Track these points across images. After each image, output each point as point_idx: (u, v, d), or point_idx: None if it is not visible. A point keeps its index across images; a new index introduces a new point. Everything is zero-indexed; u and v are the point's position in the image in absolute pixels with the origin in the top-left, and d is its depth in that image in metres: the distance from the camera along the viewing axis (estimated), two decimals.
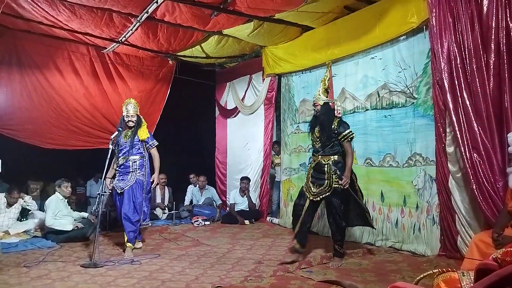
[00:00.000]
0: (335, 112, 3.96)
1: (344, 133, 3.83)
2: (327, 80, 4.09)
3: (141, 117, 4.58)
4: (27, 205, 5.52)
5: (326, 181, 3.79)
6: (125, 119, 4.45)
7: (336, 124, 3.86)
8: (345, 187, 3.74)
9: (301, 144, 6.01)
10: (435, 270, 2.19)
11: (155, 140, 4.61)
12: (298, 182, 6.05)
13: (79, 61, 6.20)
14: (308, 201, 3.87)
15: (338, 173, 3.74)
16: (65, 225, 5.04)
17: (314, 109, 4.01)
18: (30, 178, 7.09)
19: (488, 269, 1.55)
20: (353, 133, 3.87)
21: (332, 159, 3.82)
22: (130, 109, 4.44)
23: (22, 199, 5.51)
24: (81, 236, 4.97)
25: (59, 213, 5.10)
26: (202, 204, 6.92)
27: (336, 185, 3.74)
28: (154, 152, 4.58)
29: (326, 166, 3.81)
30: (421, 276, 2.09)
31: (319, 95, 4.00)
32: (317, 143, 3.94)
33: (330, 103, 4.02)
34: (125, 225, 4.29)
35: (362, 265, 3.77)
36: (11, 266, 3.82)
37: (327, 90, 4.07)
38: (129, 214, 4.27)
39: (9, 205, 5.44)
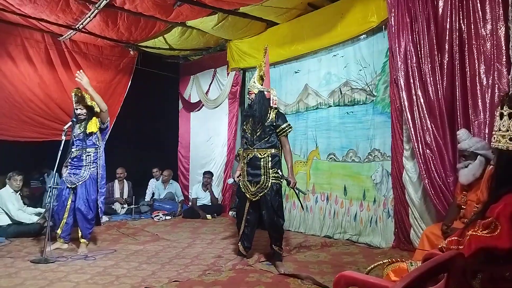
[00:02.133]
0: (271, 101, 3.65)
1: (282, 126, 3.58)
2: (263, 66, 3.80)
3: (94, 105, 4.22)
4: None
5: (262, 177, 3.51)
6: (75, 111, 4.20)
7: (274, 115, 3.58)
8: (293, 187, 3.58)
9: None
10: (385, 261, 2.27)
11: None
12: None
13: (33, 48, 5.87)
14: (247, 202, 3.62)
15: (277, 170, 3.52)
16: (31, 217, 4.83)
17: (249, 98, 3.69)
18: None
19: None
20: (291, 127, 3.65)
21: (268, 153, 3.54)
22: (79, 101, 4.17)
23: None
24: (33, 231, 4.75)
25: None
26: (164, 199, 6.80)
27: (273, 181, 3.50)
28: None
29: (262, 160, 3.52)
30: (372, 266, 2.15)
31: (254, 82, 3.68)
32: (252, 135, 3.60)
33: (266, 92, 3.69)
34: (79, 221, 4.12)
35: (319, 257, 3.84)
36: None
37: (262, 78, 3.74)
38: (84, 211, 4.09)
39: None
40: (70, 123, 4.15)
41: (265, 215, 3.51)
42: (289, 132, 3.62)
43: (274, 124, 3.55)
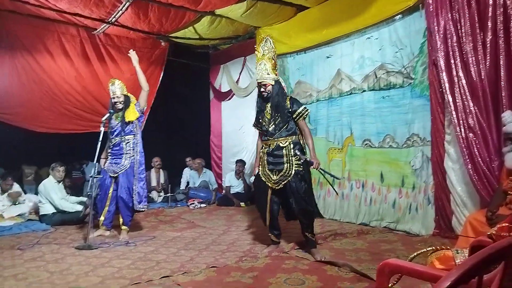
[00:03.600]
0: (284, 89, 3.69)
1: (299, 111, 3.51)
2: (271, 54, 3.60)
3: (130, 95, 4.42)
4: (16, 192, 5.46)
5: (286, 165, 3.45)
6: (112, 101, 4.32)
7: (288, 102, 3.53)
8: (317, 168, 3.46)
9: None
10: (429, 248, 2.19)
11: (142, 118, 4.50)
12: None
13: (69, 43, 6.06)
14: (270, 191, 3.55)
15: (298, 153, 3.45)
16: (74, 206, 5.07)
17: (265, 90, 3.52)
18: (24, 163, 7.03)
19: (482, 246, 1.54)
20: (308, 110, 3.58)
21: (290, 140, 3.49)
22: (116, 90, 4.28)
23: (22, 195, 5.48)
24: (77, 219, 4.97)
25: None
26: (198, 187, 6.91)
27: (297, 168, 3.42)
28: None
29: (284, 149, 3.47)
30: (415, 254, 2.08)
31: (268, 74, 3.52)
32: (270, 125, 3.53)
33: (280, 81, 3.65)
34: (121, 209, 4.26)
35: (356, 245, 3.79)
36: (5, 249, 3.81)
37: (275, 67, 3.61)
38: (126, 199, 4.24)
39: (3, 191, 5.40)
40: (108, 114, 4.26)
41: (293, 202, 3.43)
42: (306, 115, 3.55)
43: (290, 110, 3.51)
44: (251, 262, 3.27)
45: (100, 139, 4.08)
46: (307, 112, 3.55)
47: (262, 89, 3.55)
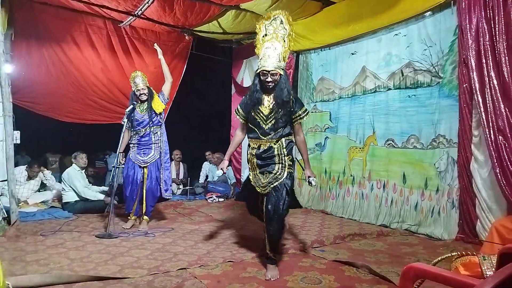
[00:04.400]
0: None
1: (299, 112, 2.98)
2: (290, 34, 2.98)
3: (151, 88, 4.47)
4: (46, 180, 5.65)
5: (277, 166, 2.97)
6: (136, 93, 4.34)
7: (292, 99, 2.97)
8: (314, 184, 3.04)
9: (318, 123, 5.89)
10: (454, 254, 2.12)
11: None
12: (313, 162, 5.95)
13: (96, 35, 6.16)
14: (260, 197, 3.12)
15: (291, 155, 3.02)
16: (96, 194, 5.18)
17: (272, 81, 2.89)
18: (48, 151, 7.23)
19: None
20: (308, 113, 3.06)
21: (283, 139, 3.01)
22: (139, 82, 4.31)
23: (42, 173, 5.64)
24: (98, 208, 5.07)
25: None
26: (217, 181, 6.94)
27: (290, 170, 2.99)
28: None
29: (277, 149, 2.98)
30: (439, 259, 2.03)
31: (278, 61, 2.88)
32: (266, 123, 2.97)
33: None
34: (148, 199, 4.32)
35: (375, 246, 3.71)
36: (28, 234, 3.92)
37: (287, 55, 2.99)
38: (154, 189, 4.31)
39: (29, 177, 5.56)
40: (132, 106, 4.30)
41: (274, 208, 2.90)
42: (305, 118, 3.03)
43: (292, 110, 2.97)
44: None
45: (124, 130, 4.13)
46: (306, 116, 3.01)
47: (269, 79, 2.89)
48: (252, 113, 3.01)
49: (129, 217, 4.41)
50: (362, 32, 5.01)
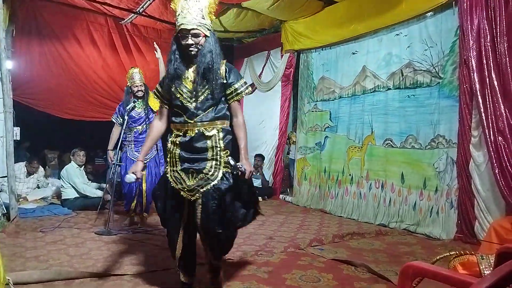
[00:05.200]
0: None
1: (235, 86, 2.30)
2: None
3: (147, 85, 4.47)
4: (44, 180, 5.66)
5: (210, 163, 2.25)
6: (133, 89, 4.33)
7: (224, 68, 2.29)
8: (247, 178, 2.28)
9: (318, 122, 5.91)
10: (452, 253, 2.13)
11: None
12: (313, 161, 5.99)
13: (97, 32, 6.15)
14: (184, 205, 2.32)
15: (229, 150, 2.30)
16: (96, 191, 5.18)
17: (194, 44, 2.18)
18: (47, 148, 7.23)
19: (510, 253, 1.48)
20: (249, 88, 2.39)
21: (219, 127, 2.29)
22: (137, 79, 4.31)
23: (47, 177, 5.65)
24: (98, 205, 5.07)
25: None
26: None
27: (226, 170, 2.27)
28: None
29: (211, 139, 2.25)
30: (437, 258, 2.04)
31: (202, 17, 2.17)
32: (191, 101, 2.24)
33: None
34: (148, 196, 4.31)
35: (374, 246, 3.72)
36: (28, 231, 3.93)
37: (214, 9, 2.25)
38: (151, 185, 4.30)
39: (29, 174, 5.57)
40: (132, 104, 4.30)
41: (214, 218, 2.23)
42: (244, 94, 2.35)
43: (225, 82, 2.28)
44: (267, 257, 3.26)
45: (123, 127, 4.13)
46: (246, 91, 2.35)
47: (189, 42, 2.17)
48: (174, 91, 2.27)
49: (128, 214, 4.42)
50: (363, 32, 5.03)
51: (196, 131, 2.25)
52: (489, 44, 3.54)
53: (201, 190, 2.22)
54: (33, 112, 5.86)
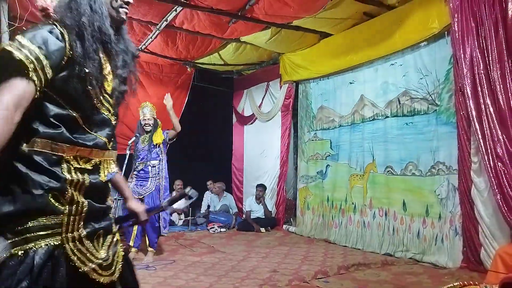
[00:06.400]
0: None
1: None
2: None
3: (158, 120, 4.57)
4: None
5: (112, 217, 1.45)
6: (142, 123, 4.44)
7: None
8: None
9: (318, 151, 5.94)
10: (456, 284, 2.11)
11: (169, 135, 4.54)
12: (315, 190, 5.97)
13: None
14: None
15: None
16: None
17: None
18: None
19: None
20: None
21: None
22: (147, 113, 4.42)
23: None
24: None
25: None
26: (218, 211, 6.91)
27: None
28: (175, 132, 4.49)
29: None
30: None
31: None
32: (112, 112, 1.41)
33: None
34: (147, 230, 4.30)
35: (380, 276, 3.66)
36: None
37: None
38: (152, 221, 4.27)
39: None
40: (134, 138, 4.37)
41: None
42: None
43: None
44: None
45: (125, 162, 4.18)
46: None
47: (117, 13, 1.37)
48: (89, 90, 1.29)
49: (129, 250, 4.38)
50: (359, 62, 5.15)
51: (111, 167, 1.45)
52: (482, 72, 3.61)
53: (119, 264, 1.38)
54: None
